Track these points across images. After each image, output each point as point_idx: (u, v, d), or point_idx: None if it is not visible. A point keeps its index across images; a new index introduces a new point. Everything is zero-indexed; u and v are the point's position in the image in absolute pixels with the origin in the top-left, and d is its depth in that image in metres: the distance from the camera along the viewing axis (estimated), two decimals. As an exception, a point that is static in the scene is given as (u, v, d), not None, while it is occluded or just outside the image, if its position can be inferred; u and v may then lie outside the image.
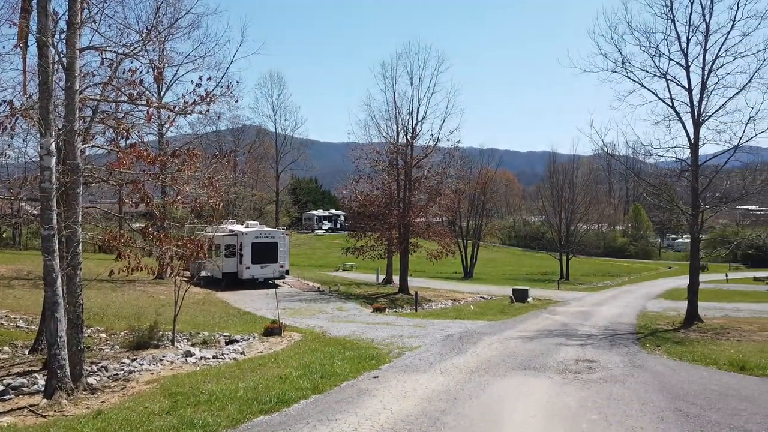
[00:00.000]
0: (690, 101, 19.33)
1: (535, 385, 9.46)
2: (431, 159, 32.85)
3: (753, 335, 16.63)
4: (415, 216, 32.17)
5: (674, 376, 10.51)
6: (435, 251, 31.74)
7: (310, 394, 8.59)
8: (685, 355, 12.82)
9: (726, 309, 25.13)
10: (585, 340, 15.31)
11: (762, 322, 20.29)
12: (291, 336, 14.62)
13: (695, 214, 19.60)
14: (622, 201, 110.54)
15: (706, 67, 18.92)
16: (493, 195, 66.50)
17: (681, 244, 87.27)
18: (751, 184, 20.24)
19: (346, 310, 22.82)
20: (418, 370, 10.48)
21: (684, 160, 20.04)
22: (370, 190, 33.16)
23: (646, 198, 27.33)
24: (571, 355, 12.45)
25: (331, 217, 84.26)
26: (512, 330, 17.14)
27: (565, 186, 59.52)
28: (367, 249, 32.09)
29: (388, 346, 13.17)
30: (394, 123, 32.39)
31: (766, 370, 10.75)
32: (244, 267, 28.78)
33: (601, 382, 9.77)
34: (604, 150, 23.94)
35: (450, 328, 16.79)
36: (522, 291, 29.42)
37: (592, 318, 21.57)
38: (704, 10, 18.64)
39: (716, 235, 75.76)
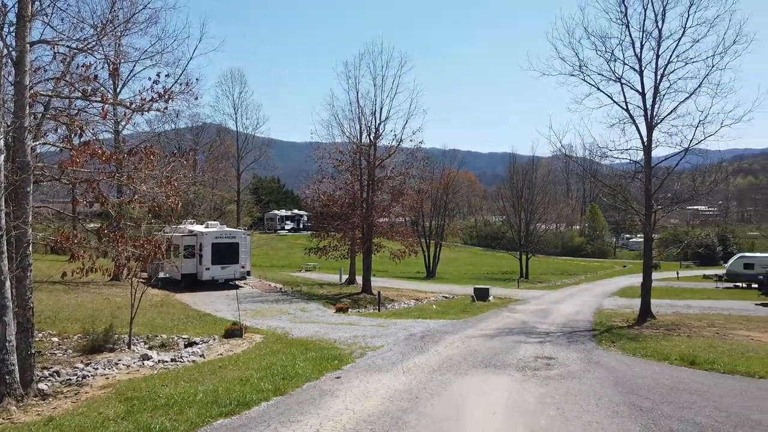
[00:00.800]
0: (643, 105, 20.01)
1: (496, 383, 9.62)
2: (394, 159, 32.96)
3: (702, 331, 17.32)
4: (378, 216, 32.22)
5: (628, 371, 10.85)
6: (398, 251, 31.85)
7: (272, 396, 8.50)
8: (639, 350, 13.26)
9: (677, 306, 26.08)
10: (544, 337, 15.65)
11: (711, 318, 21.16)
12: (252, 337, 14.43)
13: (648, 214, 20.29)
14: (579, 201, 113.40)
15: (659, 72, 19.65)
16: (455, 195, 67.17)
17: (635, 243, 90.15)
18: (701, 186, 21.07)
19: (309, 310, 22.68)
20: (381, 370, 10.50)
21: (638, 161, 20.72)
22: (333, 190, 33.03)
23: (602, 198, 28.11)
24: (530, 353, 12.70)
25: (294, 217, 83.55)
26: (473, 328, 17.36)
27: (525, 187, 60.62)
28: (330, 249, 31.95)
29: (351, 347, 13.15)
30: (358, 123, 32.39)
31: (714, 365, 11.21)
32: (204, 268, 28.26)
33: (559, 378, 10.00)
34: (562, 151, 24.59)
35: (412, 328, 16.89)
36: (483, 290, 29.82)
37: (551, 316, 22.05)
38: (657, 16, 19.34)
39: (668, 234, 78.76)
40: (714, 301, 29.92)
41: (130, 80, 29.05)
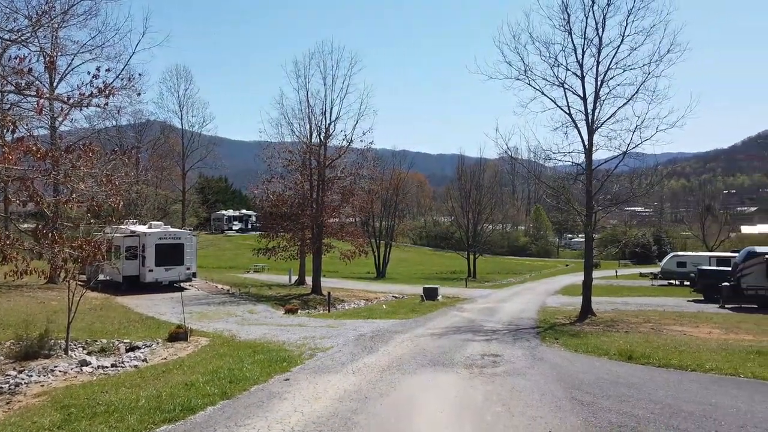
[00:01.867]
0: (585, 109, 20.77)
1: (444, 381, 9.76)
2: (345, 159, 32.87)
3: (639, 327, 18.14)
4: (329, 216, 32.05)
5: (570, 366, 11.24)
6: (348, 251, 31.80)
7: (218, 400, 8.32)
8: (581, 346, 13.74)
9: (616, 303, 27.18)
10: (490, 335, 15.99)
11: (647, 314, 22.17)
12: (198, 341, 14.09)
13: (589, 215, 21.08)
14: (525, 202, 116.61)
15: (599, 78, 20.46)
16: (405, 196, 67.75)
17: (577, 243, 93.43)
18: (638, 188, 22.06)
19: (257, 312, 22.31)
20: (330, 371, 10.46)
21: (579, 164, 21.49)
22: (282, 189, 32.64)
23: (546, 200, 28.94)
24: (477, 351, 12.95)
25: (242, 218, 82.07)
26: (423, 328, 17.54)
27: (473, 188, 61.74)
28: (280, 250, 31.56)
29: (300, 348, 13.04)
30: (308, 122, 32.13)
31: (650, 359, 11.75)
32: (147, 270, 27.35)
33: (505, 375, 10.25)
34: (508, 154, 25.20)
35: (362, 328, 16.91)
36: (432, 289, 30.17)
37: (497, 314, 22.55)
38: (597, 25, 20.13)
39: (607, 234, 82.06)
40: (650, 298, 31.37)
41: (68, 74, 27.71)
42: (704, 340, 15.02)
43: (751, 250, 27.75)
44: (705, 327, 18.25)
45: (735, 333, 16.81)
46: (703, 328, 18.04)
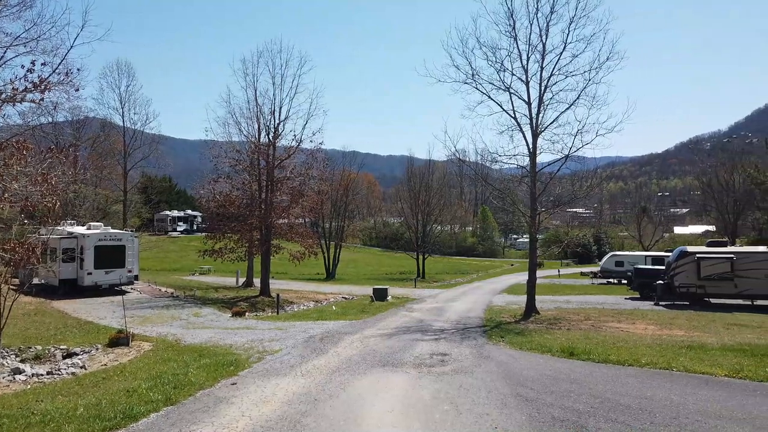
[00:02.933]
0: (529, 113, 21.35)
1: (393, 381, 9.83)
2: (294, 160, 32.53)
3: (580, 324, 18.81)
4: (278, 217, 31.63)
5: (516, 364, 11.54)
6: (297, 252, 31.48)
7: (162, 406, 8.09)
8: (525, 344, 14.14)
9: (558, 301, 28.08)
10: (439, 334, 16.21)
11: (587, 312, 23.03)
12: (140, 346, 13.63)
13: (533, 216, 21.68)
14: (472, 204, 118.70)
15: (543, 84, 21.05)
16: (355, 197, 67.74)
17: (522, 243, 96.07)
18: (579, 190, 22.85)
19: (203, 315, 21.79)
20: (279, 374, 10.35)
21: (524, 167, 22.07)
22: (229, 190, 31.97)
23: (493, 201, 29.62)
24: (426, 350, 13.11)
25: (187, 218, 79.89)
26: (372, 328, 17.60)
27: (422, 189, 62.35)
28: (227, 251, 30.89)
29: (248, 351, 12.83)
30: (256, 122, 31.60)
31: (590, 355, 12.21)
32: (86, 273, 26.22)
33: (453, 373, 10.42)
34: (456, 156, 25.55)
35: (312, 330, 16.80)
36: (382, 290, 30.29)
37: (446, 313, 22.88)
38: (541, 31, 20.73)
39: (551, 235, 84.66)
40: (590, 296, 32.56)
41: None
42: (640, 336, 15.74)
43: (683, 249, 29.27)
44: (641, 323, 19.12)
45: (668, 329, 17.70)
46: (639, 324, 18.89)
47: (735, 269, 26.57)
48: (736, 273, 26.55)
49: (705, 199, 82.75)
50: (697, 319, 20.54)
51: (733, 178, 68.01)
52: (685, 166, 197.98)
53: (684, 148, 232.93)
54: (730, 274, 26.61)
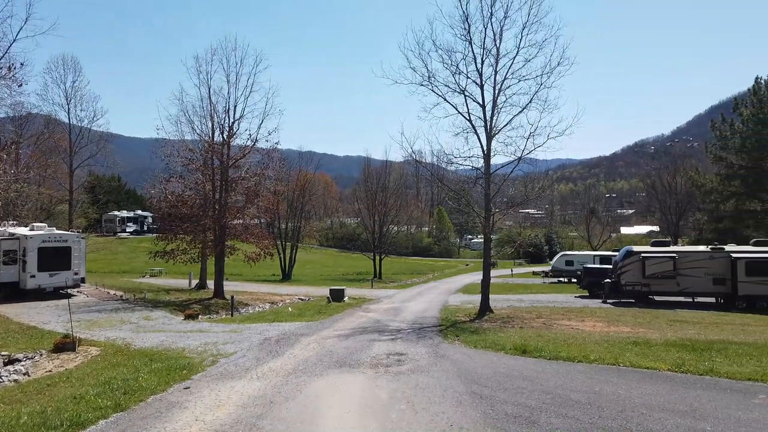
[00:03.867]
0: (484, 116, 21.72)
1: (350, 381, 9.83)
2: (249, 159, 32.04)
3: (532, 322, 19.28)
4: (232, 217, 31.11)
5: (470, 362, 11.74)
6: (253, 253, 31.04)
7: (111, 412, 7.84)
8: (480, 343, 14.39)
9: (511, 300, 28.70)
10: (395, 334, 16.31)
11: (539, 310, 23.63)
12: (88, 351, 13.16)
13: (487, 217, 22.07)
14: (428, 204, 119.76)
15: (497, 87, 21.46)
16: (312, 197, 67.21)
17: (476, 244, 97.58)
18: (531, 191, 23.41)
19: (154, 318, 21.19)
20: (234, 377, 10.20)
21: (479, 168, 22.44)
22: (182, 189, 31.23)
23: (448, 202, 30.10)
24: (383, 350, 13.17)
25: (137, 219, 77.53)
26: (329, 329, 17.54)
27: (379, 190, 62.52)
28: (179, 252, 30.15)
29: (201, 355, 12.58)
30: (210, 120, 30.98)
31: (542, 353, 12.54)
32: (29, 275, 25.09)
33: (409, 373, 10.51)
34: (412, 157, 25.81)
35: (268, 332, 16.61)
36: (339, 291, 30.22)
37: (402, 314, 23.03)
38: (495, 36, 21.13)
39: (504, 235, 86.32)
40: (542, 294, 33.43)
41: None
42: (589, 333, 16.26)
43: (629, 249, 30.41)
44: (590, 321, 19.75)
45: (615, 326, 18.35)
46: (588, 322, 19.51)
47: (677, 268, 27.80)
48: (678, 271, 27.79)
49: (649, 200, 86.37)
50: (642, 316, 21.38)
51: (676, 180, 71.22)
52: (631, 169, 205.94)
53: (630, 151, 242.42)
54: (672, 273, 27.82)
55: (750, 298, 26.21)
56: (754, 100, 45.95)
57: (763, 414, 7.34)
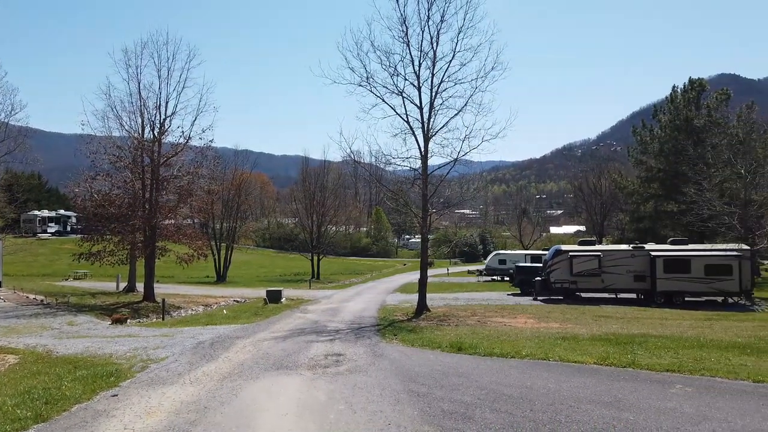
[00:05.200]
0: (421, 118, 22.01)
1: (288, 384, 9.72)
2: (182, 157, 31.02)
3: (467, 320, 19.75)
4: (164, 217, 30.01)
5: (408, 361, 11.87)
6: (185, 255, 30.08)
7: (31, 423, 7.39)
8: (417, 341, 14.57)
9: (447, 299, 29.27)
10: (334, 335, 16.26)
11: (474, 308, 24.23)
12: (5, 359, 12.33)
13: (425, 217, 22.41)
14: (367, 204, 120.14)
15: (434, 90, 21.79)
16: (248, 197, 65.92)
17: (414, 243, 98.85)
18: (466, 192, 23.99)
19: (78, 324, 20.12)
20: (165, 383, 9.85)
21: (416, 169, 22.74)
22: (109, 188, 29.80)
23: (386, 202, 30.31)
24: (321, 351, 13.10)
25: (60, 219, 73.38)
26: (266, 331, 17.27)
27: (317, 190, 62.12)
28: (106, 254, 28.77)
29: (130, 360, 12.06)
30: (139, 116, 29.72)
31: (477, 349, 12.84)
32: (-65, 280, 23.24)
33: (348, 373, 10.51)
34: (351, 157, 25.79)
35: (201, 335, 16.15)
36: (276, 292, 29.79)
37: (341, 314, 22.99)
38: (432, 39, 21.46)
39: (440, 235, 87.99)
40: (476, 293, 34.30)
41: None
42: (521, 330, 16.84)
43: (557, 248, 31.73)
44: (522, 318, 20.46)
45: (546, 322, 19.10)
46: (520, 318, 20.20)
47: (602, 266, 29.27)
48: (603, 269, 29.26)
49: (577, 201, 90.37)
50: (570, 312, 22.36)
51: (601, 182, 74.90)
52: (560, 171, 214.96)
53: (559, 154, 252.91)
54: (597, 271, 29.26)
55: (667, 294, 27.97)
56: (671, 107, 49.10)
57: (680, 403, 7.85)
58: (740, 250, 28.34)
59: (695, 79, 48.79)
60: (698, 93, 47.94)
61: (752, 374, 9.56)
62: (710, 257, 28.07)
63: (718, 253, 28.34)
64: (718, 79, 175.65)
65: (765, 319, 21.10)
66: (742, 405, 7.63)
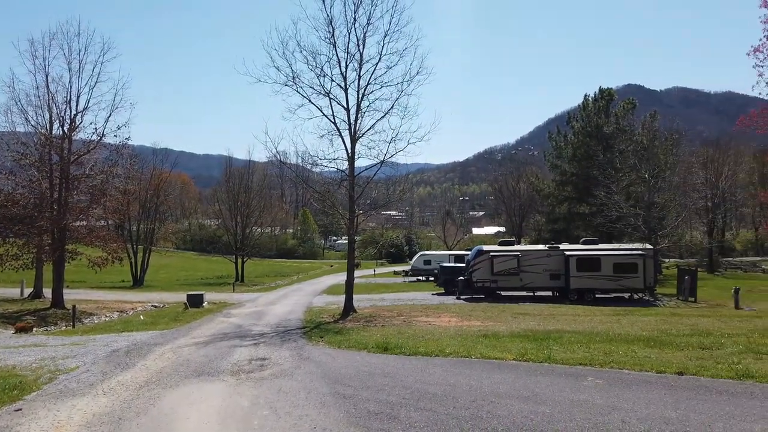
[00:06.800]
0: (348, 119, 22.05)
1: (210, 391, 9.44)
2: (95, 155, 29.32)
3: (393, 320, 19.96)
4: (74, 219, 28.23)
5: (334, 363, 11.86)
6: (99, 258, 28.47)
7: None
8: (343, 343, 14.58)
9: (374, 299, 29.47)
10: (258, 339, 15.95)
11: (400, 308, 24.54)
12: None
13: (351, 218, 22.46)
14: (293, 206, 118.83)
15: (360, 92, 21.90)
16: (168, 197, 63.41)
17: (341, 245, 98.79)
18: (393, 194, 24.27)
19: (-24, 334, 18.56)
20: (76, 394, 9.29)
21: (343, 170, 22.75)
22: (13, 187, 27.67)
23: (313, 203, 30.19)
24: (245, 356, 12.81)
25: (-47, 220, 67.16)
26: (186, 337, 16.67)
27: (241, 190, 60.74)
28: (8, 258, 26.70)
29: (36, 372, 11.26)
30: (47, 111, 27.83)
31: (402, 349, 13.01)
32: None
33: (272, 378, 10.35)
34: (277, 157, 25.35)
35: (116, 343, 15.35)
36: (197, 296, 28.82)
37: (266, 317, 22.58)
38: (359, 41, 21.56)
39: (367, 236, 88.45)
40: (402, 293, 34.75)
41: None
42: (445, 329, 17.23)
43: (479, 248, 32.78)
44: (446, 317, 20.94)
45: (468, 320, 19.66)
46: (444, 317, 20.67)
47: (521, 265, 30.55)
48: (522, 268, 30.55)
49: (497, 203, 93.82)
50: (491, 311, 23.16)
51: (519, 185, 78.22)
52: (482, 174, 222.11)
53: (481, 158, 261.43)
54: (516, 270, 30.51)
55: (580, 291, 29.62)
56: (583, 114, 52.11)
57: (591, 395, 8.33)
58: (644, 250, 30.50)
59: (605, 89, 52.10)
60: (607, 102, 51.19)
61: (656, 365, 10.30)
62: (618, 256, 30.00)
63: (625, 252, 30.35)
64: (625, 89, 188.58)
65: (666, 313, 22.81)
66: (647, 394, 8.22)
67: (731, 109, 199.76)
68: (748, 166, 63.96)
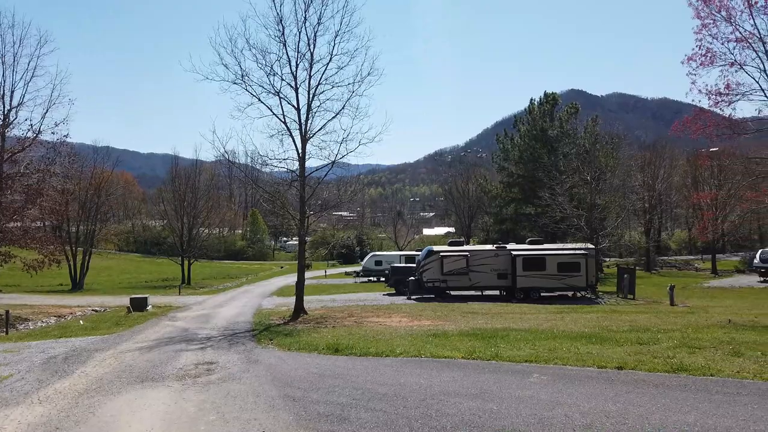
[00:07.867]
0: (299, 119, 21.88)
1: (153, 397, 9.16)
2: (30, 153, 27.86)
3: (344, 321, 19.93)
4: (8, 220, 26.73)
5: (284, 365, 11.73)
6: (34, 261, 27.05)
7: None
8: (293, 345, 14.44)
9: (325, 300, 29.34)
10: (205, 342, 15.59)
11: (351, 309, 24.53)
12: None
13: (302, 219, 22.30)
14: (242, 207, 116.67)
15: (311, 91, 21.77)
16: (109, 197, 61.08)
17: (291, 246, 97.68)
18: (344, 194, 24.26)
19: None
20: (9, 404, 8.82)
21: (294, 171, 22.55)
22: (-64, 186, 25.95)
23: (263, 204, 29.76)
24: (191, 360, 12.50)
25: None
26: (129, 342, 16.11)
27: (188, 190, 59.26)
28: (-68, 262, 25.04)
29: (-35, 382, 10.63)
30: (-23, 106, 26.23)
31: (353, 350, 13.00)
32: None
33: (220, 382, 10.14)
34: (225, 157, 24.89)
35: (53, 349, 14.66)
36: (141, 299, 27.90)
37: (213, 320, 22.10)
38: (309, 41, 21.45)
39: (318, 237, 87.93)
40: (353, 294, 34.74)
41: None
42: (395, 329, 17.33)
43: (430, 249, 33.17)
44: (396, 317, 21.07)
45: (418, 320, 19.84)
46: (395, 317, 20.79)
47: (469, 265, 31.11)
48: (470, 268, 31.11)
49: (447, 204, 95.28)
50: (441, 310, 23.46)
51: (468, 187, 79.64)
52: (432, 175, 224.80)
53: (431, 159, 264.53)
54: (465, 270, 31.04)
55: (526, 290, 30.43)
56: (530, 118, 53.59)
57: (537, 391, 8.58)
58: (586, 249, 31.64)
59: (549, 93, 53.75)
60: (552, 106, 52.83)
61: (597, 361, 10.70)
62: (562, 255, 31.01)
63: (568, 252, 31.39)
64: (569, 94, 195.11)
65: (607, 310, 23.74)
66: (589, 389, 8.53)
67: (667, 114, 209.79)
68: (682, 170, 67.14)
